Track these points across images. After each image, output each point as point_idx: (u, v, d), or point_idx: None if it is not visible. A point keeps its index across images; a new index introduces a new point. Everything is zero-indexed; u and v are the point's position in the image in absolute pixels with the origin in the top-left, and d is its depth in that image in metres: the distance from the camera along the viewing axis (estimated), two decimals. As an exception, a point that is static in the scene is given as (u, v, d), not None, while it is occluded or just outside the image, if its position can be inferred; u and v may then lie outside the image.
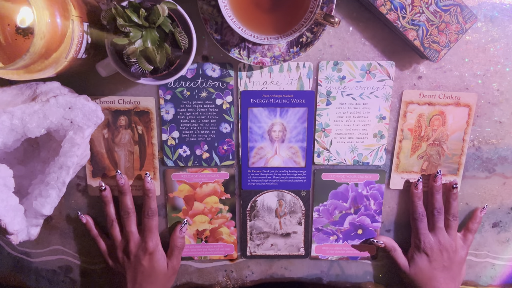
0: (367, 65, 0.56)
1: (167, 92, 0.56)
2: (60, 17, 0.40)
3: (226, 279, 0.65)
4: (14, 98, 0.47)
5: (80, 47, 0.44)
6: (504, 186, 0.61)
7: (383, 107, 0.57)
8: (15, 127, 0.45)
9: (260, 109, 0.57)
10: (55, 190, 0.49)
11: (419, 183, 0.58)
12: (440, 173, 0.58)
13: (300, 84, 0.56)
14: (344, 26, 0.55)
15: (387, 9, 0.50)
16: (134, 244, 0.57)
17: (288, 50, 0.53)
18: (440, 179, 0.58)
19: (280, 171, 0.60)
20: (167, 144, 0.58)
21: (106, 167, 0.59)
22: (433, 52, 0.51)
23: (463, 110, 0.57)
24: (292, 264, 0.64)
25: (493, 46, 0.55)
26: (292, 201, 0.61)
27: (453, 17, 0.50)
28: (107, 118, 0.57)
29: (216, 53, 0.55)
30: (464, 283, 0.65)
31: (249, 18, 0.48)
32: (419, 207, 0.58)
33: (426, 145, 0.59)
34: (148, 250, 0.57)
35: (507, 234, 0.63)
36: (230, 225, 0.62)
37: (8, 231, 0.45)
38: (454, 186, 0.58)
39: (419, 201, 0.58)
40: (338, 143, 0.59)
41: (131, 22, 0.43)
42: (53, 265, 0.64)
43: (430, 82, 0.57)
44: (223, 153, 0.59)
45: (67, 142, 0.49)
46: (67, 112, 0.47)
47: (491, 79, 0.57)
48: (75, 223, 0.62)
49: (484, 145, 0.59)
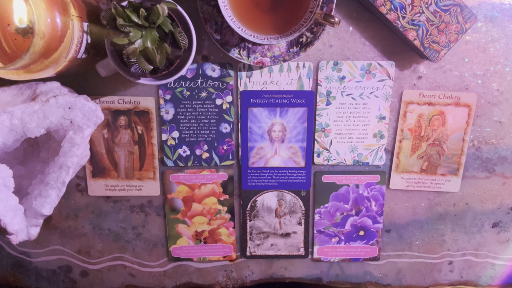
0: (367, 65, 0.56)
1: (167, 92, 0.56)
2: (60, 17, 0.40)
3: (226, 279, 0.64)
4: (14, 98, 0.47)
5: (80, 47, 0.44)
6: (504, 186, 0.61)
7: (383, 107, 0.57)
8: (14, 127, 0.45)
9: (260, 109, 0.57)
10: (55, 190, 0.49)
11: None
12: None
13: (300, 84, 0.56)
14: (344, 26, 0.55)
15: (387, 9, 0.50)
16: None
17: (288, 50, 0.53)
18: None
19: (280, 171, 0.60)
20: (167, 144, 0.58)
21: (106, 167, 0.59)
22: (433, 52, 0.51)
23: (463, 110, 0.57)
24: (292, 264, 0.64)
25: (493, 46, 0.55)
26: (292, 201, 0.61)
27: (453, 17, 0.50)
28: (107, 118, 0.57)
29: (216, 53, 0.55)
30: (464, 283, 0.65)
31: (249, 18, 0.48)
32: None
33: (426, 145, 0.59)
34: None
35: (507, 234, 0.63)
36: (229, 226, 0.62)
37: (8, 231, 0.45)
38: None
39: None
40: (338, 143, 0.59)
41: (131, 22, 0.43)
42: (53, 265, 0.64)
43: (430, 82, 0.57)
44: (223, 153, 0.59)
45: (67, 142, 0.49)
46: (67, 112, 0.47)
47: (491, 79, 0.56)
48: (75, 223, 0.62)
49: (484, 145, 0.59)
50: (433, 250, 0.64)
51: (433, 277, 0.65)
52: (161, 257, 0.63)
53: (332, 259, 0.63)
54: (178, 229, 0.62)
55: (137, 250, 0.63)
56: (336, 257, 0.63)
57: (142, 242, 0.63)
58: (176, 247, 0.62)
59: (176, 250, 0.63)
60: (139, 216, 0.61)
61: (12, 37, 0.44)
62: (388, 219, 0.62)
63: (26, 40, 0.44)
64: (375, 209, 0.61)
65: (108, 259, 0.63)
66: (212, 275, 0.64)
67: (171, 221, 0.61)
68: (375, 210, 0.61)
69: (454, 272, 0.65)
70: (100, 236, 0.62)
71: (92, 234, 0.62)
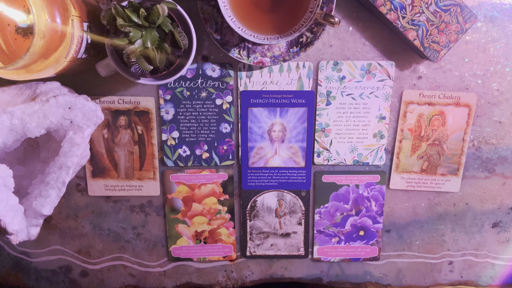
0: (367, 65, 0.56)
1: (167, 92, 0.56)
2: (60, 17, 0.40)
3: (226, 279, 0.64)
4: (14, 98, 0.47)
5: (80, 47, 0.44)
6: (504, 186, 0.61)
7: (383, 107, 0.57)
8: (15, 127, 0.45)
9: (260, 109, 0.57)
10: (55, 190, 0.49)
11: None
12: None
13: (300, 84, 0.56)
14: (344, 26, 0.55)
15: (387, 9, 0.50)
16: None
17: (288, 50, 0.53)
18: None
19: (280, 171, 0.60)
20: (167, 144, 0.58)
21: (106, 167, 0.59)
22: (433, 52, 0.51)
23: (463, 110, 0.57)
24: (292, 264, 0.64)
25: (493, 46, 0.55)
26: (292, 201, 0.61)
27: (453, 17, 0.50)
28: (107, 118, 0.57)
29: (216, 53, 0.55)
30: (464, 283, 0.65)
31: (249, 18, 0.48)
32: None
33: (426, 145, 0.59)
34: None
35: (507, 234, 0.63)
36: (229, 226, 0.62)
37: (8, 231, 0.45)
38: None
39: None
40: (338, 143, 0.59)
41: (131, 22, 0.43)
42: (53, 265, 0.64)
43: (430, 82, 0.57)
44: (223, 153, 0.59)
45: (67, 142, 0.49)
46: (67, 112, 0.47)
47: (491, 79, 0.56)
48: (75, 223, 0.62)
49: (484, 145, 0.59)
50: (433, 250, 0.64)
51: (433, 277, 0.65)
52: (161, 257, 0.63)
53: (332, 259, 0.63)
54: (178, 229, 0.62)
55: (137, 250, 0.63)
56: (336, 257, 0.63)
57: (142, 242, 0.63)
58: (176, 247, 0.62)
59: (176, 250, 0.63)
60: (139, 216, 0.62)
61: (12, 37, 0.44)
62: (388, 219, 0.62)
63: (26, 40, 0.44)
64: (375, 209, 0.61)
65: (108, 259, 0.63)
66: (212, 275, 0.64)
67: (171, 221, 0.61)
68: (375, 210, 0.61)
69: (454, 272, 0.65)
70: (100, 236, 0.62)
71: (92, 234, 0.62)
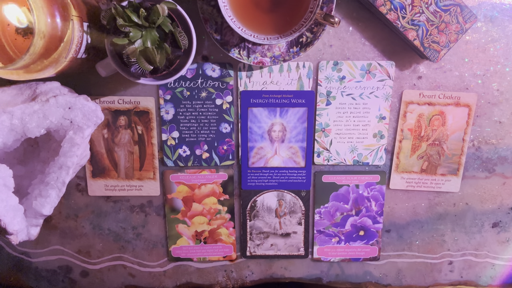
0: (367, 65, 0.56)
1: (167, 92, 0.56)
2: (60, 17, 0.40)
3: (226, 279, 0.64)
4: (14, 98, 0.47)
5: (80, 47, 0.44)
6: (504, 186, 0.61)
7: (383, 107, 0.57)
8: (14, 127, 0.45)
9: (260, 109, 0.57)
10: (55, 190, 0.49)
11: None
12: None
13: (300, 84, 0.56)
14: (344, 26, 0.55)
15: (387, 9, 0.50)
16: None
17: (288, 50, 0.53)
18: None
19: (280, 171, 0.60)
20: (167, 144, 0.58)
21: (106, 167, 0.59)
22: (433, 52, 0.51)
23: (463, 110, 0.57)
24: (292, 264, 0.64)
25: (493, 46, 0.55)
26: (292, 201, 0.61)
27: (453, 17, 0.50)
28: (107, 118, 0.57)
29: (216, 53, 0.55)
30: (464, 283, 0.65)
31: (249, 18, 0.48)
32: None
33: (426, 145, 0.59)
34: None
35: (507, 234, 0.63)
36: (229, 226, 0.62)
37: (8, 231, 0.45)
38: None
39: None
40: (338, 143, 0.59)
41: (131, 22, 0.43)
42: (53, 265, 0.64)
43: (430, 82, 0.57)
44: (223, 153, 0.59)
45: (67, 142, 0.49)
46: (67, 112, 0.47)
47: (491, 79, 0.56)
48: (75, 223, 0.62)
49: (484, 145, 0.59)
50: (433, 250, 0.64)
51: (433, 277, 0.65)
52: (161, 257, 0.63)
53: (332, 259, 0.63)
54: (178, 229, 0.62)
55: (137, 250, 0.63)
56: (336, 257, 0.63)
57: (142, 242, 0.63)
58: (176, 247, 0.62)
59: (176, 250, 0.63)
60: (139, 216, 0.62)
61: (12, 37, 0.44)
62: (388, 219, 0.62)
63: (26, 40, 0.44)
64: (375, 209, 0.61)
65: (108, 259, 0.63)
66: (212, 275, 0.64)
67: (171, 221, 0.61)
68: (375, 210, 0.61)
69: (454, 272, 0.65)
70: (100, 236, 0.62)
71: (92, 234, 0.62)
